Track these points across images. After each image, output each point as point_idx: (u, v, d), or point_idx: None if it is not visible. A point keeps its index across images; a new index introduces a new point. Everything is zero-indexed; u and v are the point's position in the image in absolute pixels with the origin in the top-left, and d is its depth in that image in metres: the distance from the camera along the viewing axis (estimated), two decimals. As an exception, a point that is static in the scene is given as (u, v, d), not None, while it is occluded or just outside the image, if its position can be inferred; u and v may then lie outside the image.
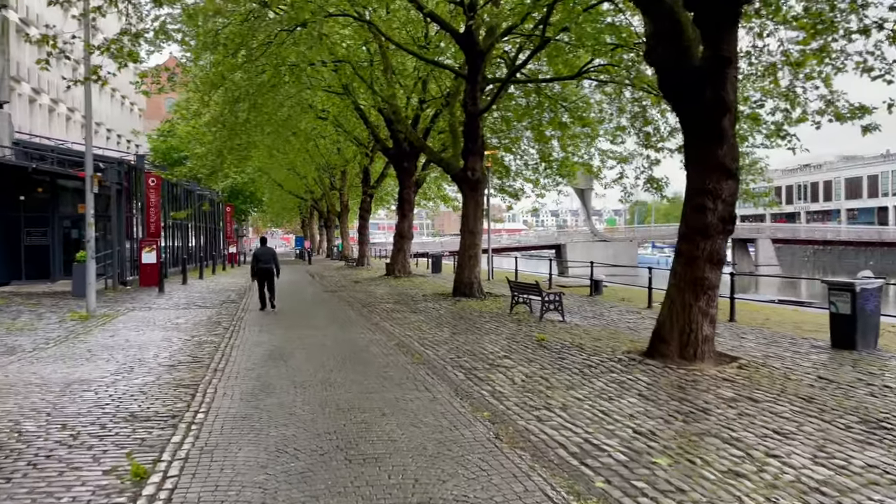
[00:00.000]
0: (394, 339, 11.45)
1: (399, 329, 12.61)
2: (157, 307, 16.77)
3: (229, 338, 11.77)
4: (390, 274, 27.65)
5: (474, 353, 9.90)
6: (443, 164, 19.19)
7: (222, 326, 13.32)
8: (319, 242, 69.85)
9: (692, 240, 8.54)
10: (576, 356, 9.47)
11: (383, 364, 9.15)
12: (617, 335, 11.53)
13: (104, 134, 45.30)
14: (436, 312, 15.26)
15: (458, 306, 16.40)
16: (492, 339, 11.13)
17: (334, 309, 16.46)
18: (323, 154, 39.12)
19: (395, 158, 27.44)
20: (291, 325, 13.32)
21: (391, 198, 43.44)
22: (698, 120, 8.36)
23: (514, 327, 12.58)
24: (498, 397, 7.22)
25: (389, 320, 14.01)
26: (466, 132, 18.28)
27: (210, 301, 18.45)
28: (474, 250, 18.42)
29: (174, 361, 9.53)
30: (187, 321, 14.15)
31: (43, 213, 21.77)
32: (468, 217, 18.40)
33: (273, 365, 9.18)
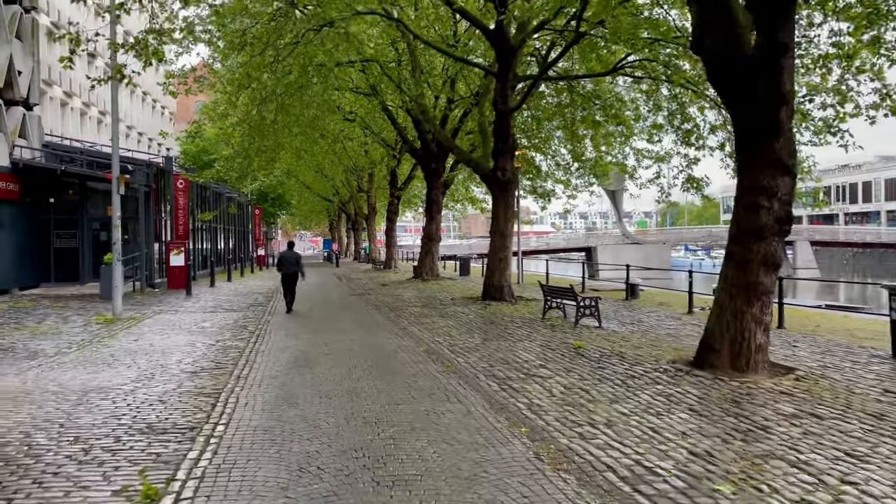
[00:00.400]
0: (422, 344, 10.99)
1: (428, 334, 12.16)
2: (184, 310, 16.56)
3: (255, 342, 11.44)
4: (418, 277, 27.25)
5: (508, 361, 9.40)
6: (472, 164, 18.72)
7: (248, 330, 13.00)
8: (347, 245, 69.83)
9: (745, 242, 7.94)
10: (617, 366, 8.91)
11: (412, 372, 8.69)
12: (658, 343, 10.93)
13: (135, 137, 45.72)
14: (465, 317, 14.79)
15: (488, 311, 15.91)
16: (525, 347, 10.61)
17: (361, 313, 16.09)
18: (350, 156, 38.94)
19: (423, 159, 27.05)
20: (318, 330, 12.96)
21: (419, 200, 43.11)
22: (752, 112, 7.76)
23: (549, 333, 12.04)
24: (536, 411, 6.71)
25: (418, 325, 13.57)
26: (496, 131, 17.79)
27: (237, 304, 18.21)
28: (504, 253, 17.90)
29: (197, 368, 9.20)
30: (213, 325, 13.87)
31: (72, 215, 21.80)
32: (498, 219, 17.90)
33: (298, 372, 8.78)
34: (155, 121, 50.67)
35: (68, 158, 22.16)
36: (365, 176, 43.54)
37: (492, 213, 18.27)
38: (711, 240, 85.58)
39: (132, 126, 44.71)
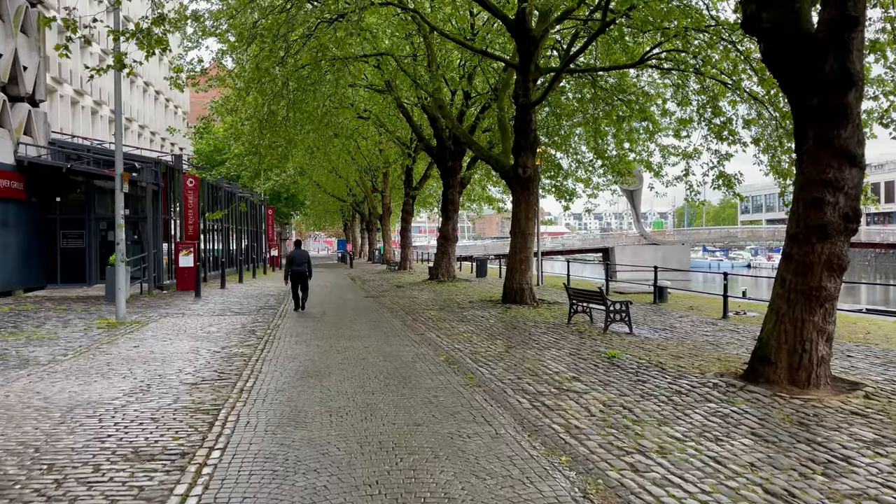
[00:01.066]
0: (442, 353, 10.19)
1: (447, 341, 11.35)
2: (191, 313, 15.88)
3: (262, 349, 10.69)
4: (434, 278, 26.48)
5: (536, 372, 8.57)
6: (491, 161, 17.91)
7: (256, 336, 12.27)
8: (361, 245, 69.24)
9: (806, 241, 7.06)
10: (658, 379, 8.05)
11: (432, 385, 7.89)
12: (699, 352, 10.05)
13: (147, 136, 45.28)
14: (485, 322, 13.97)
15: (509, 314, 15.08)
16: (554, 356, 9.77)
17: (376, 316, 15.32)
18: (365, 155, 38.26)
19: (439, 158, 26.27)
20: (330, 335, 12.19)
21: (434, 200, 42.35)
22: (816, 96, 6.89)
23: (577, 340, 11.20)
24: (575, 434, 5.89)
25: (436, 330, 12.78)
26: (517, 126, 16.96)
27: (247, 307, 17.52)
28: (525, 253, 17.06)
29: (198, 378, 8.45)
30: (220, 329, 13.16)
31: (79, 214, 21.22)
32: (519, 218, 17.06)
33: (306, 385, 8.01)
34: (168, 120, 50.29)
35: (75, 156, 21.61)
36: (379, 175, 42.86)
37: (512, 211, 17.44)
38: (729, 241, 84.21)
39: (145, 125, 44.30)
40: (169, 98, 50.54)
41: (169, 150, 46.39)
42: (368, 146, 35.66)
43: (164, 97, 49.50)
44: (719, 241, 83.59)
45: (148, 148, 36.71)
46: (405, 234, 36.70)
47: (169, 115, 51.14)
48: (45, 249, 20.88)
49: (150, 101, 46.64)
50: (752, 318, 13.96)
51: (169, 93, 49.30)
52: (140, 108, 43.83)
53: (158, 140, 47.41)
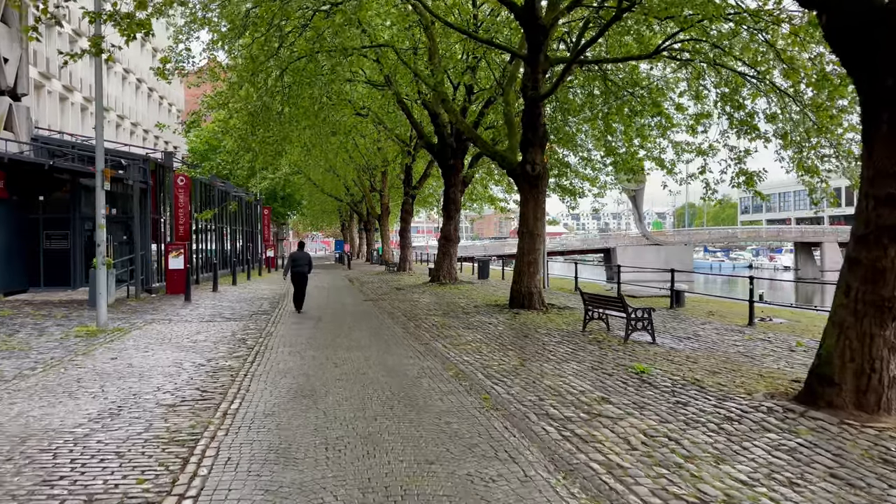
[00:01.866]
0: (450, 366, 9.23)
1: (454, 352, 10.39)
2: (179, 319, 14.89)
3: (252, 361, 9.72)
4: (435, 280, 25.52)
5: (559, 391, 7.61)
6: (497, 157, 16.95)
7: (246, 345, 11.29)
8: (359, 246, 68.26)
9: (877, 244, 6.11)
10: (700, 400, 7.10)
11: (443, 409, 6.92)
12: (735, 366, 9.09)
13: (140, 134, 44.21)
14: (494, 329, 13.01)
15: (517, 321, 14.13)
16: (575, 370, 8.82)
17: (376, 322, 14.35)
18: (363, 153, 37.29)
19: (440, 155, 25.31)
20: (326, 344, 11.22)
21: (434, 199, 41.43)
22: (891, 76, 5.94)
23: (597, 352, 10.24)
24: (619, 476, 4.92)
25: (441, 338, 11.81)
26: (526, 121, 16.01)
27: (239, 312, 16.53)
28: (534, 255, 16.11)
29: (177, 399, 7.48)
30: (208, 338, 12.18)
31: (64, 214, 20.21)
32: (527, 217, 16.11)
33: (299, 407, 7.04)
34: (161, 117, 49.23)
35: (60, 153, 20.62)
36: (378, 175, 41.90)
37: (520, 211, 16.49)
38: (729, 241, 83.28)
39: (137, 123, 43.23)
40: (163, 95, 49.49)
41: (163, 148, 45.33)
42: (367, 144, 34.71)
43: (158, 94, 48.44)
44: (719, 241, 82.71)
45: (139, 145, 35.67)
46: (404, 234, 35.73)
47: (162, 113, 50.09)
48: (27, 250, 19.86)
49: (143, 98, 45.57)
50: (781, 327, 13.02)
51: (162, 89, 48.25)
52: (132, 105, 42.77)
53: (151, 138, 46.36)
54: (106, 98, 36.29)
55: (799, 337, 11.73)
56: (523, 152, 16.11)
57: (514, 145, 17.00)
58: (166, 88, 49.10)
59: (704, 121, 17.31)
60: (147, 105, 46.42)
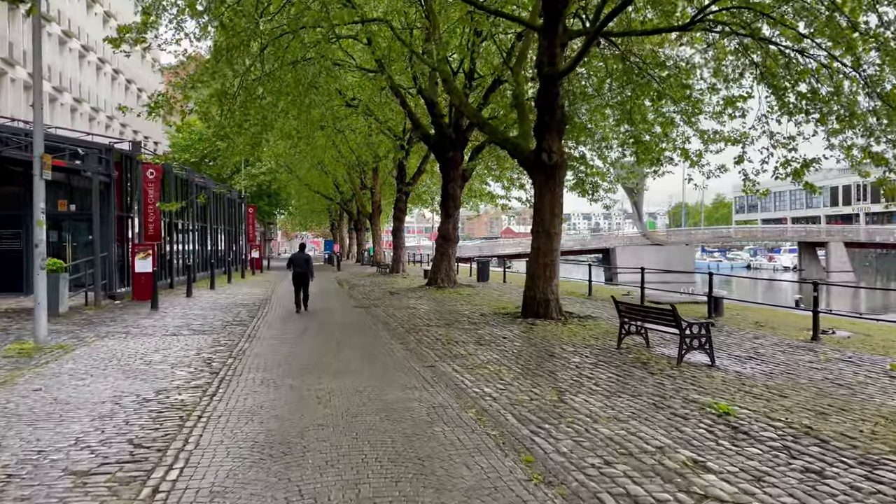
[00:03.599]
0: (468, 402, 7.12)
1: (469, 378, 8.29)
2: (139, 332, 12.70)
3: (212, 395, 7.57)
4: (432, 283, 23.40)
5: (627, 447, 5.51)
6: (508, 145, 14.85)
7: (210, 369, 9.14)
8: (349, 246, 66.00)
9: None
10: (836, 466, 5.01)
11: (472, 483, 4.80)
12: (841, 402, 7.02)
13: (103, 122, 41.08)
14: (510, 345, 10.92)
15: (536, 334, 12.04)
16: (633, 409, 6.73)
17: (369, 336, 12.22)
18: (353, 149, 35.14)
19: (438, 147, 23.22)
20: (309, 367, 9.08)
21: (428, 196, 39.28)
22: None
23: (649, 378, 8.16)
24: None
25: (449, 358, 9.71)
26: (541, 102, 13.94)
27: (211, 322, 14.35)
28: (551, 256, 14.03)
29: (94, 462, 5.33)
30: (166, 358, 10.01)
31: (16, 211, 17.92)
32: (543, 213, 14.02)
33: (262, 480, 4.89)
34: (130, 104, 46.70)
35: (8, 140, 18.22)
36: (369, 172, 39.72)
37: (534, 206, 14.40)
38: (731, 241, 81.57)
39: (98, 108, 40.32)
40: (131, 79, 46.35)
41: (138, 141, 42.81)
42: (357, 139, 32.55)
43: (125, 77, 45.29)
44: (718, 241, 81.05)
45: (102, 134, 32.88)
46: (397, 233, 33.57)
47: (131, 98, 47.21)
48: (-27, 252, 17.60)
49: (106, 81, 42.24)
50: (851, 342, 11.00)
51: (130, 71, 45.17)
52: (92, 88, 39.22)
53: (117, 126, 43.23)
54: (59, 77, 33.74)
55: (890, 358, 9.69)
56: (538, 138, 14.03)
57: (526, 131, 14.91)
58: (135, 71, 46.03)
59: (740, 105, 15.28)
60: (111, 89, 43.30)
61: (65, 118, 33.57)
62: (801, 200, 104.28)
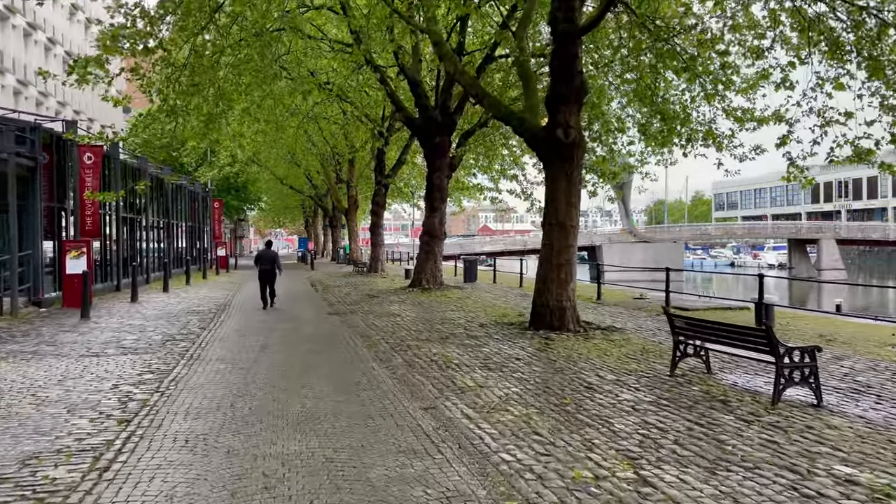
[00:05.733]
0: (503, 486, 4.58)
1: (491, 432, 5.76)
2: (52, 352, 9.95)
3: (103, 471, 4.94)
4: (416, 285, 20.81)
5: None
6: (513, 120, 12.29)
7: (122, 415, 6.50)
8: (324, 243, 63.06)
9: None
10: None
11: None
12: None
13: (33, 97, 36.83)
14: (529, 370, 8.40)
15: (555, 352, 9.55)
16: (768, 499, 4.24)
17: (344, 355, 9.61)
18: (327, 139, 32.37)
19: (422, 132, 20.66)
20: (259, 415, 6.47)
21: (408, 189, 36.64)
22: None
23: (747, 430, 5.70)
24: None
25: (454, 393, 7.17)
26: (556, 67, 11.44)
27: (149, 336, 11.61)
28: (567, 255, 11.52)
29: None
30: (68, 394, 7.34)
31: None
32: (557, 202, 11.52)
33: None
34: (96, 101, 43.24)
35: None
36: (344, 164, 36.98)
37: (546, 194, 11.88)
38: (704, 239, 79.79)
39: (26, 82, 36.35)
40: (70, 51, 42.09)
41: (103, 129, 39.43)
42: (331, 128, 29.84)
43: (63, 48, 40.79)
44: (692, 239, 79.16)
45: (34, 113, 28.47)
46: (376, 229, 30.86)
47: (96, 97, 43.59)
48: None
49: (37, 51, 37.73)
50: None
51: (71, 43, 40.88)
52: (19, 56, 34.53)
53: (54, 105, 39.00)
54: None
55: None
56: (551, 111, 11.52)
57: (533, 104, 12.37)
58: (81, 42, 41.79)
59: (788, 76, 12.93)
60: (45, 59, 38.90)
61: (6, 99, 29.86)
62: (781, 197, 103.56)
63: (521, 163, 25.73)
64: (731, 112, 15.18)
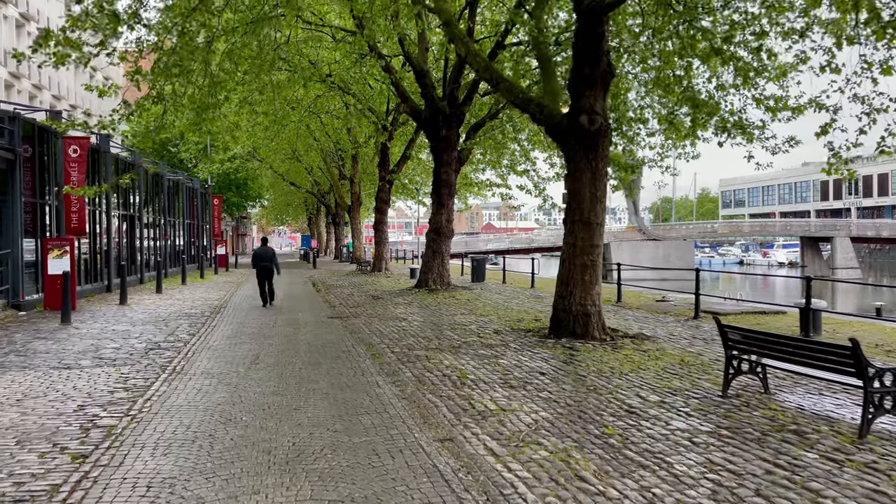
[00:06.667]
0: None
1: (522, 473, 4.69)
2: (19, 363, 8.90)
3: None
4: (422, 285, 19.76)
5: None
6: (531, 107, 11.16)
7: (79, 447, 5.44)
8: (327, 241, 62.03)
9: None
10: None
11: None
12: None
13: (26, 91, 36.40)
14: (557, 388, 7.32)
15: (583, 365, 8.47)
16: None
17: (346, 368, 8.52)
18: (329, 133, 31.29)
19: (429, 125, 19.60)
20: (242, 449, 5.40)
21: (413, 185, 35.59)
22: None
23: (842, 475, 4.60)
24: None
25: (472, 418, 6.10)
26: (580, 47, 10.34)
27: (132, 345, 10.55)
28: (592, 255, 10.44)
29: None
30: (23, 420, 6.30)
31: None
32: (581, 196, 10.42)
33: None
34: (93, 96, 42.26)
35: None
36: (347, 160, 35.93)
37: (568, 187, 10.78)
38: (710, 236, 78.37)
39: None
40: (95, 66, 42.20)
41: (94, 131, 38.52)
42: (333, 122, 28.78)
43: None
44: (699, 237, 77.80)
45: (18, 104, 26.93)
46: (380, 227, 29.83)
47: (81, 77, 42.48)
48: None
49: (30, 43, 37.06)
50: None
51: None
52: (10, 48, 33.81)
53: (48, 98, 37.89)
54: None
55: None
56: (574, 96, 10.43)
57: (553, 89, 11.26)
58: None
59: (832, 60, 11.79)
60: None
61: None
62: (789, 194, 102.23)
63: (532, 158, 24.65)
64: (763, 101, 14.03)
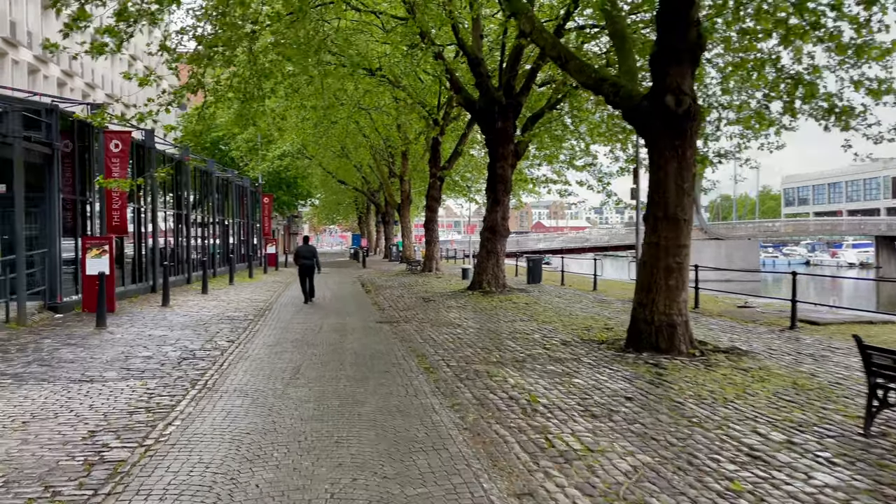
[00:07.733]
0: None
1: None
2: (38, 375, 8.08)
3: None
4: (476, 287, 18.57)
5: None
6: (605, 88, 9.82)
7: (83, 484, 4.46)
8: (377, 240, 61.44)
9: None
10: None
11: None
12: None
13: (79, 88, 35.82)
14: (647, 417, 6.03)
15: (673, 387, 7.13)
16: None
17: (395, 386, 7.38)
18: (379, 130, 30.38)
19: (483, 116, 18.41)
20: (270, 498, 4.32)
21: (466, 183, 34.37)
22: None
23: None
24: None
25: (552, 460, 4.88)
26: (664, 16, 8.97)
27: (165, 353, 9.67)
28: (679, 257, 9.05)
29: None
30: (27, 445, 5.39)
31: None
32: (666, 189, 9.05)
33: None
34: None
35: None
36: (397, 157, 35.00)
37: (651, 178, 9.43)
38: (770, 235, 74.58)
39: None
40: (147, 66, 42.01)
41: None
42: (383, 119, 27.85)
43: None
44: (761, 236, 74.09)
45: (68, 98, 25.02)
46: (431, 225, 28.77)
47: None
48: None
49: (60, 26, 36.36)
50: None
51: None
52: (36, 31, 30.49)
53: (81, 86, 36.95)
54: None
55: None
56: (657, 74, 9.06)
57: (631, 68, 9.90)
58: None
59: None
60: None
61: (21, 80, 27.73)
62: (857, 192, 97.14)
63: (592, 152, 23.15)
64: (862, 83, 12.29)
